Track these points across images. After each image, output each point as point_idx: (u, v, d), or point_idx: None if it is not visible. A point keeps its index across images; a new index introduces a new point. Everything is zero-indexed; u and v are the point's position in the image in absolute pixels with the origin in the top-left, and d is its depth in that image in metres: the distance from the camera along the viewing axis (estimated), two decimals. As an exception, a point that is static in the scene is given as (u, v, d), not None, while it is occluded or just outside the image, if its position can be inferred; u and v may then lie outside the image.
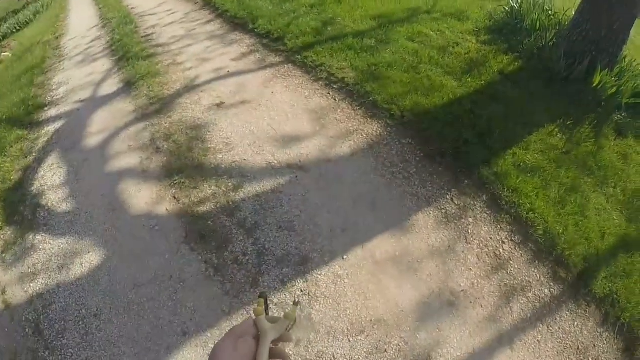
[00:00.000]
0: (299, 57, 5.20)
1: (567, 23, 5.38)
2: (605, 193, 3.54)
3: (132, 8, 9.26)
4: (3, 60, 9.80)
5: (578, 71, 4.56)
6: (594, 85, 4.44)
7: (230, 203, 3.28)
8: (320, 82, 4.66)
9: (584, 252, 2.99)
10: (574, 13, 5.06)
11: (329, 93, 4.47)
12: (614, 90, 4.38)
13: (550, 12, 6.17)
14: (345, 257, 2.88)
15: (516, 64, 4.91)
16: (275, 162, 3.64)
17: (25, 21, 14.02)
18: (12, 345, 2.83)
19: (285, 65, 5.13)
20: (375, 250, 2.90)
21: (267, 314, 0.75)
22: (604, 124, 4.22)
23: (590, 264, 2.94)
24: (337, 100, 4.35)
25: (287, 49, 5.48)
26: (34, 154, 4.55)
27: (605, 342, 2.65)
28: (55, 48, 8.48)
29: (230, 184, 3.46)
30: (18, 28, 13.59)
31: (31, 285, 3.13)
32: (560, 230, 3.07)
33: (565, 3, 6.69)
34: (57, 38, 9.26)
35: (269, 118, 4.20)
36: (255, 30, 6.20)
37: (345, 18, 6.31)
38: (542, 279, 2.84)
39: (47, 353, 2.72)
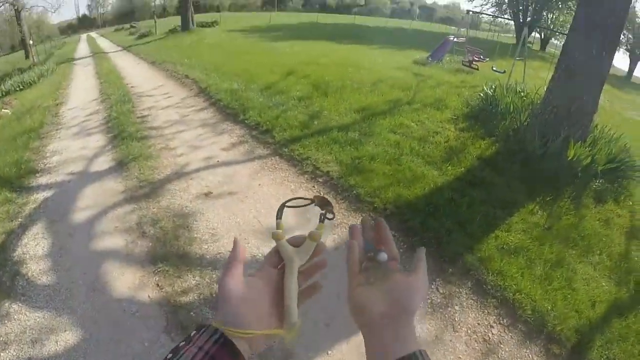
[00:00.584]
0: (286, 149, 5.51)
1: (539, 101, 5.81)
2: (591, 262, 3.64)
3: (131, 87, 9.67)
4: (2, 116, 9.94)
5: (553, 147, 4.86)
6: (569, 158, 4.70)
7: (214, 295, 3.31)
8: (306, 175, 4.92)
9: (575, 325, 3.01)
10: (544, 91, 5.45)
11: (314, 186, 4.71)
12: (588, 160, 4.66)
13: (522, 94, 6.72)
14: (329, 352, 2.88)
15: (493, 147, 5.23)
16: (260, 255, 3.73)
17: (29, 82, 14.42)
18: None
19: (273, 158, 5.41)
20: (360, 343, 2.75)
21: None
22: (582, 194, 4.44)
23: (584, 335, 2.96)
24: (321, 193, 4.57)
25: (275, 141, 5.80)
26: (19, 219, 4.55)
27: (608, 412, 2.59)
28: (54, 115, 8.68)
29: (214, 276, 3.51)
30: (21, 87, 13.93)
31: (1, 354, 3.02)
32: (549, 307, 3.11)
33: (536, 81, 7.21)
34: (57, 105, 9.47)
35: (255, 210, 4.36)
36: (246, 121, 6.59)
37: (330, 111, 6.75)
38: (535, 359, 2.83)
39: None
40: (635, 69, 41.17)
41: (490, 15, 36.25)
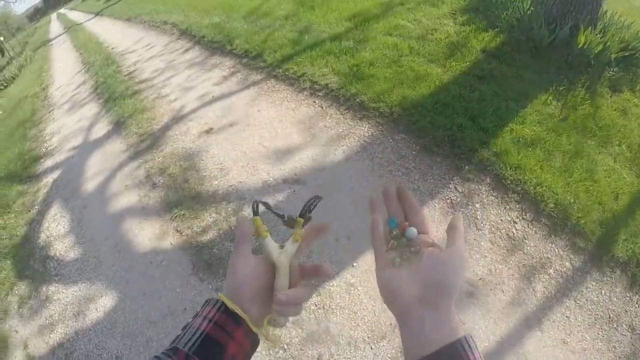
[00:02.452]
0: (280, 70, 5.21)
1: (542, -12, 5.33)
2: (611, 153, 3.46)
3: (112, 48, 9.34)
4: (-6, 118, 9.80)
5: (561, 35, 4.50)
6: (580, 45, 4.35)
7: (232, 228, 3.25)
8: (305, 92, 4.66)
9: (599, 218, 2.89)
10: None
11: (314, 101, 4.47)
12: (600, 47, 4.30)
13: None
14: (354, 264, 2.82)
15: (498, 39, 4.87)
16: (271, 179, 3.62)
17: (11, 77, 14.17)
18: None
19: (268, 81, 5.14)
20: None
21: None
22: (597, 83, 4.14)
23: (608, 228, 2.84)
24: (323, 107, 4.33)
25: (267, 64, 5.48)
26: (36, 207, 4.59)
27: (636, 305, 2.57)
28: (44, 99, 8.57)
29: (229, 209, 3.44)
30: (5, 85, 13.72)
31: (51, 336, 3.12)
32: (572, 200, 2.98)
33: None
34: (44, 89, 9.34)
35: (259, 136, 4.20)
36: (234, 51, 6.23)
37: (320, 24, 6.31)
38: (561, 253, 2.75)
39: (74, 402, 2.69)
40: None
41: None
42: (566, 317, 2.50)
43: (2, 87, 13.53)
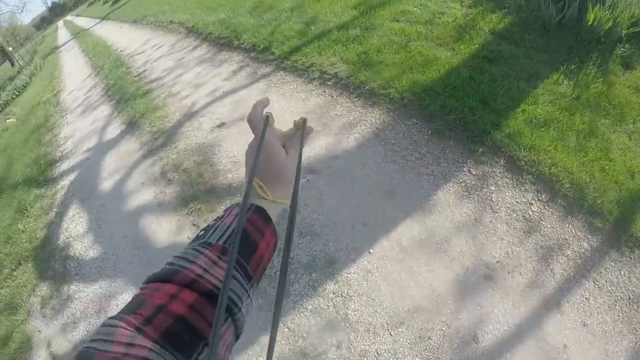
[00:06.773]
0: (289, 62, 5.19)
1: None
2: (625, 131, 3.37)
3: (120, 51, 9.39)
4: (10, 126, 10.00)
5: (570, 13, 4.40)
6: (589, 23, 4.24)
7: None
8: (314, 82, 4.63)
9: (616, 197, 2.83)
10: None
11: (324, 91, 4.44)
12: (610, 23, 4.17)
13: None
14: (371, 250, 2.80)
15: (506, 20, 4.77)
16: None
17: (23, 85, 14.39)
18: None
19: (277, 73, 5.12)
20: (401, 238, 2.83)
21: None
22: (608, 60, 4.04)
23: (626, 208, 2.78)
24: (334, 96, 4.31)
25: (275, 57, 5.47)
26: (54, 210, 4.66)
27: (657, 285, 2.51)
28: (56, 105, 8.68)
29: (244, 201, 3.45)
30: (17, 93, 13.96)
31: (73, 334, 3.18)
32: (587, 179, 2.92)
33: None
34: (56, 95, 9.45)
35: (271, 129, 4.17)
36: (241, 45, 6.22)
37: (326, 14, 6.26)
38: (579, 234, 2.69)
39: (98, 400, 2.76)
40: None
41: None
42: (585, 299, 2.46)
43: (14, 96, 13.73)
